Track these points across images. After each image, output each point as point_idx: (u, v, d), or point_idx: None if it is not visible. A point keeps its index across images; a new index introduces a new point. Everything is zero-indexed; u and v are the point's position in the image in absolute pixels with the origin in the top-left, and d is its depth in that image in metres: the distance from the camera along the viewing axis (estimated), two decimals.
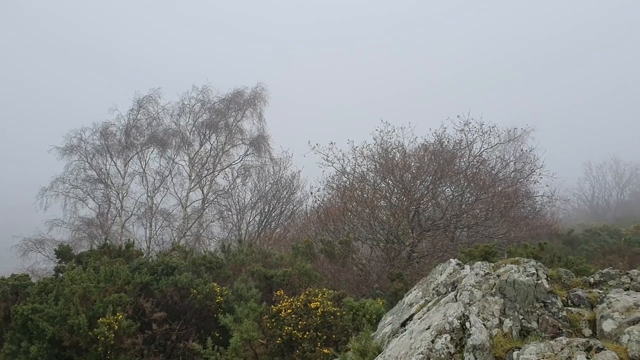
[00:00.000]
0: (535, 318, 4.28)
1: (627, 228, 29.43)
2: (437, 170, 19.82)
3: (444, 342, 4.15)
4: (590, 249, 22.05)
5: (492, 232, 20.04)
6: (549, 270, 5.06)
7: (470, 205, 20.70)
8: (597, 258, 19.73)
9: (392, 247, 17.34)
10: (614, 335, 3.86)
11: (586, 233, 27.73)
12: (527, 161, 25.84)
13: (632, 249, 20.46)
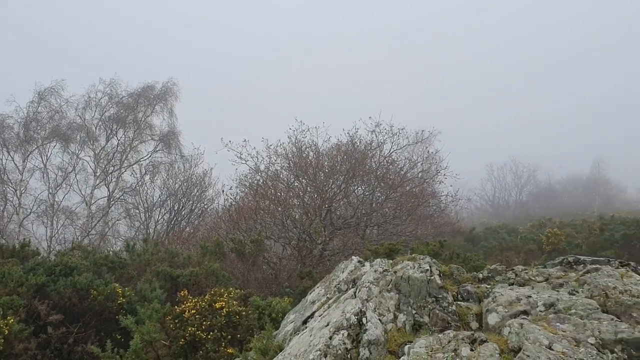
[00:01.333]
0: (427, 313, 4.48)
1: (524, 226, 31.43)
2: (349, 170, 20.21)
3: (341, 338, 4.24)
4: (490, 245, 23.34)
5: (400, 230, 20.72)
6: (442, 267, 5.30)
7: (380, 204, 21.30)
8: (495, 254, 20.94)
9: (304, 246, 17.48)
10: (497, 328, 4.11)
11: (486, 231, 29.33)
12: (434, 162, 27.02)
13: (527, 245, 21.91)
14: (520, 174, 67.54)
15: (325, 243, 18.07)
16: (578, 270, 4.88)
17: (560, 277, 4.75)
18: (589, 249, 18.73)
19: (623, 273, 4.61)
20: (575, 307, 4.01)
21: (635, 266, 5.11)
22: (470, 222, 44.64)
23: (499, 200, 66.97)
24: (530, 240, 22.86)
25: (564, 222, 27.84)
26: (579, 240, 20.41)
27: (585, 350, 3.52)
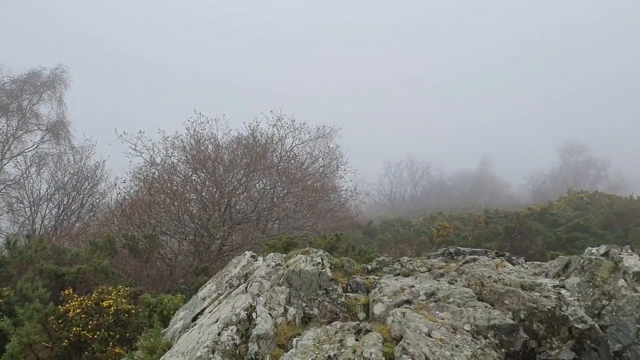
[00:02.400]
0: (317, 305, 4.55)
1: (418, 220, 32.83)
2: (249, 164, 20.05)
3: (230, 334, 4.20)
4: (385, 238, 24.15)
5: (301, 224, 20.91)
6: (334, 259, 5.40)
7: (281, 198, 21.35)
8: (390, 247, 21.72)
9: (201, 241, 17.15)
10: (382, 318, 4.25)
11: (383, 224, 30.31)
12: (334, 157, 27.50)
13: (419, 238, 22.92)
14: (415, 170, 70.69)
15: (224, 238, 17.83)
16: (458, 261, 5.17)
17: (442, 268, 5.01)
18: (475, 241, 19.93)
19: (498, 263, 4.94)
20: (454, 295, 4.24)
21: (509, 256, 5.50)
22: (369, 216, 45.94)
23: (396, 195, 69.65)
24: (422, 233, 23.94)
25: (453, 215, 29.38)
26: (466, 233, 21.67)
27: (461, 337, 3.73)
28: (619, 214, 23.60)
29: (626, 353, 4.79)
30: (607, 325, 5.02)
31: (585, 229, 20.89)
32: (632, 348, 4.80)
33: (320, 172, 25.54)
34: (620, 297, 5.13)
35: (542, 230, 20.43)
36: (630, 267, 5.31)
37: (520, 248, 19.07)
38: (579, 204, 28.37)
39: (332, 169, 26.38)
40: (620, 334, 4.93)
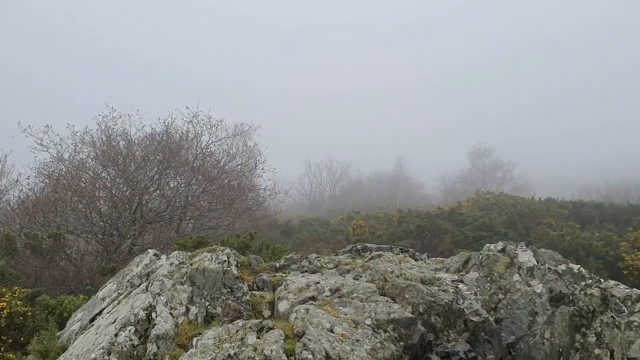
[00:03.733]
0: (220, 304, 4.45)
1: (335, 219, 33.24)
2: (162, 161, 19.43)
3: (127, 334, 4.02)
4: (303, 237, 24.24)
5: (217, 224, 20.54)
6: (242, 258, 5.32)
7: (196, 197, 20.86)
8: (307, 245, 21.83)
9: (111, 241, 16.44)
10: (286, 315, 4.23)
11: (301, 223, 30.42)
12: (252, 155, 27.27)
13: (336, 236, 23.20)
14: (334, 170, 71.57)
15: (135, 238, 17.18)
16: (365, 257, 5.25)
17: (349, 264, 5.06)
18: (389, 239, 20.43)
19: (401, 259, 5.05)
20: (357, 291, 4.29)
21: (413, 253, 5.65)
22: (289, 216, 46.00)
23: (315, 194, 70.18)
24: (339, 231, 24.25)
25: (369, 215, 29.98)
26: (380, 232, 22.16)
27: (363, 331, 3.78)
28: (521, 214, 25.02)
29: (519, 344, 5.05)
30: (502, 318, 5.28)
31: (491, 228, 21.97)
32: (525, 339, 5.07)
33: (237, 170, 25.21)
34: (515, 291, 5.41)
35: (451, 229, 21.26)
36: (524, 262, 5.61)
37: (431, 246, 19.75)
38: (485, 204, 29.78)
39: (249, 168, 26.12)
40: (514, 326, 5.20)
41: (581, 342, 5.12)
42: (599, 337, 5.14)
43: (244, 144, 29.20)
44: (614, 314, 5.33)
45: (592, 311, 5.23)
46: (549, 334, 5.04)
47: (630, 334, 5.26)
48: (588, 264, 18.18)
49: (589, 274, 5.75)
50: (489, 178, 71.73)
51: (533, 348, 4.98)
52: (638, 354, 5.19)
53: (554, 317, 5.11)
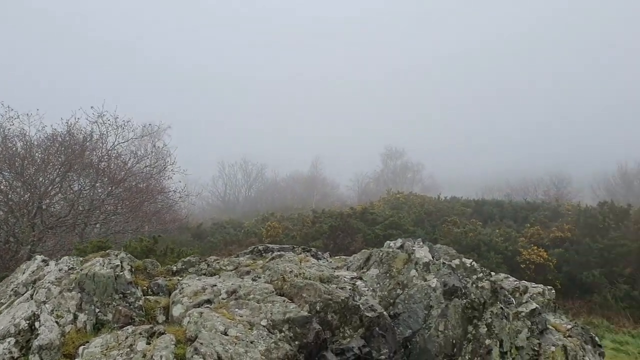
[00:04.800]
0: (111, 310, 4.26)
1: (250, 221, 32.98)
2: (64, 163, 18.45)
3: (6, 346, 3.75)
4: (215, 240, 23.86)
5: (125, 227, 19.83)
6: (137, 262, 5.13)
7: (101, 200, 19.98)
8: (220, 248, 21.51)
9: (7, 247, 15.43)
10: (180, 319, 4.11)
11: (214, 226, 29.91)
12: (161, 157, 26.49)
13: (250, 239, 23.02)
14: (249, 171, 71.02)
15: (34, 244, 16.21)
16: (266, 258, 5.22)
17: (249, 265, 5.01)
18: (302, 240, 20.54)
19: (302, 258, 5.07)
20: (254, 292, 4.25)
21: (315, 252, 5.70)
22: (202, 218, 45.13)
23: (230, 196, 69.30)
24: (253, 234, 24.09)
25: (284, 216, 29.99)
26: (294, 233, 22.23)
27: (258, 332, 3.75)
28: (428, 213, 26.00)
29: (415, 337, 5.22)
30: (400, 313, 5.43)
31: (400, 226, 22.65)
32: (420, 332, 5.25)
33: (145, 172, 24.39)
34: (412, 286, 5.58)
35: (363, 228, 21.71)
36: (420, 258, 5.81)
37: (343, 245, 20.07)
38: (395, 203, 30.68)
39: (159, 169, 25.35)
40: (411, 320, 5.37)
41: (473, 333, 5.36)
42: (490, 328, 5.42)
43: (153, 145, 28.28)
44: (503, 306, 5.64)
45: (483, 303, 5.50)
46: (443, 326, 5.24)
47: (517, 324, 5.59)
48: (489, 259, 19.21)
49: (480, 268, 6.05)
50: (400, 178, 74.05)
51: (428, 340, 5.17)
52: (524, 342, 5.53)
53: (448, 310, 5.33)
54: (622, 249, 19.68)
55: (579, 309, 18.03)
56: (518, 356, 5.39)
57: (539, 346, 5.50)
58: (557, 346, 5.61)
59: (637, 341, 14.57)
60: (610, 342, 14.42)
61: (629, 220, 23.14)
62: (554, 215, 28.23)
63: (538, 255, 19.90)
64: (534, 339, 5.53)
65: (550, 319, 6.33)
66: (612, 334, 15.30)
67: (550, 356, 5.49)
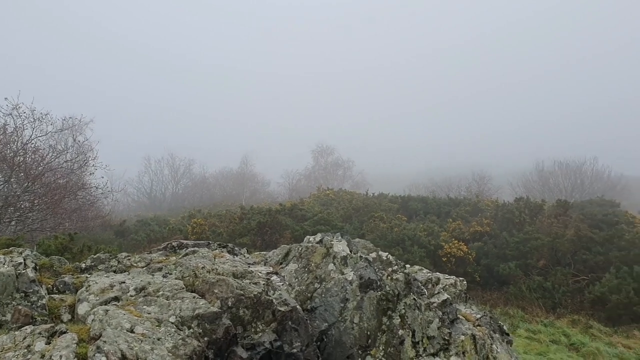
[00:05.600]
0: (10, 310, 4.04)
1: (176, 218, 32.29)
2: None
3: None
4: (139, 238, 23.21)
5: (42, 225, 18.97)
6: (43, 259, 4.90)
7: (17, 196, 18.98)
8: (143, 246, 20.94)
9: None
10: (86, 317, 3.96)
11: (138, 223, 29.08)
12: (82, 151, 25.47)
13: (175, 236, 22.55)
14: (177, 167, 69.45)
15: None
16: (180, 254, 5.12)
17: (161, 262, 4.90)
18: (229, 237, 20.34)
19: (217, 254, 5.02)
20: (164, 288, 4.16)
21: (232, 248, 5.65)
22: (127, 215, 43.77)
23: (156, 192, 67.52)
24: (178, 230, 23.62)
25: (211, 212, 29.60)
26: (221, 229, 21.99)
27: (165, 329, 3.67)
28: (356, 208, 26.42)
29: (331, 330, 5.29)
30: (317, 307, 5.49)
31: (329, 222, 22.88)
32: (336, 325, 5.32)
33: (65, 167, 23.37)
34: (329, 280, 5.65)
35: (291, 225, 21.76)
36: (338, 252, 5.89)
37: (271, 242, 20.04)
38: (325, 200, 31.01)
39: (79, 164, 24.35)
40: (327, 313, 5.43)
41: (387, 324, 5.49)
42: (403, 319, 5.56)
43: (74, 139, 27.11)
44: (416, 297, 5.81)
45: (397, 295, 5.64)
46: (358, 318, 5.34)
47: (429, 314, 5.78)
48: (413, 253, 19.77)
49: (396, 261, 6.20)
50: (331, 175, 74.77)
51: (343, 333, 5.25)
52: (436, 332, 5.72)
53: (363, 303, 5.43)
54: (536, 242, 20.77)
55: (496, 300, 18.86)
56: (429, 345, 5.57)
57: (449, 335, 5.71)
58: (467, 335, 5.84)
59: (548, 330, 15.38)
60: (524, 331, 15.16)
61: (542, 215, 24.45)
62: (474, 210, 29.42)
63: (459, 249, 20.67)
64: (444, 328, 5.73)
65: (462, 309, 6.59)
66: (526, 324, 16.09)
67: (459, 345, 5.71)
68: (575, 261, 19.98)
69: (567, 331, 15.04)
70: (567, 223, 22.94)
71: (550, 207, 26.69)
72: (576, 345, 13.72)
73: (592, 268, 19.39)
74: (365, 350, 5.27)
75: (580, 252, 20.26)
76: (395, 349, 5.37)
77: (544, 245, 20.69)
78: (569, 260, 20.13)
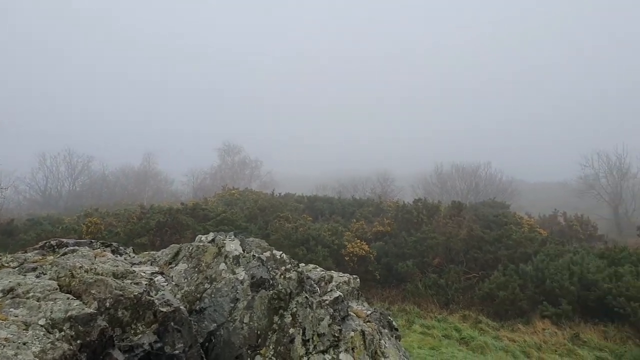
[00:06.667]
0: None
1: (71, 217, 30.58)
2: None
3: None
4: (29, 237, 21.78)
5: None
6: None
7: None
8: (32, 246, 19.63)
9: None
10: None
11: (28, 222, 27.26)
12: None
13: (68, 236, 21.31)
14: (74, 164, 65.76)
15: None
16: (58, 253, 4.83)
17: (37, 261, 4.58)
18: (127, 237, 19.55)
19: (98, 253, 4.78)
20: (35, 289, 3.89)
21: (116, 247, 5.41)
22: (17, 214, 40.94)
23: (52, 190, 63.55)
24: (72, 230, 22.35)
25: (109, 212, 28.31)
26: (118, 229, 21.07)
27: (33, 333, 3.43)
28: (262, 208, 26.32)
29: (220, 331, 5.21)
30: (206, 307, 5.38)
31: (232, 222, 22.63)
32: (225, 326, 5.24)
33: None
34: (220, 280, 5.56)
35: (193, 224, 21.28)
36: (230, 251, 5.81)
37: (171, 242, 19.42)
38: (230, 199, 30.61)
39: None
40: (216, 314, 5.34)
41: (279, 323, 5.49)
42: (294, 317, 5.59)
43: None
44: (308, 295, 5.86)
45: (289, 293, 5.66)
46: (248, 318, 5.30)
47: (321, 311, 5.84)
48: (316, 252, 20.00)
49: (289, 259, 6.22)
50: (238, 174, 74.07)
51: (232, 333, 5.18)
52: (326, 329, 5.79)
53: (254, 302, 5.39)
54: (432, 242, 21.72)
55: (395, 297, 19.51)
56: (320, 343, 5.63)
57: (339, 332, 5.80)
58: (356, 331, 5.97)
59: (441, 325, 16.10)
60: (419, 326, 15.78)
61: (439, 216, 25.59)
62: (377, 211, 30.27)
63: (361, 248, 21.17)
64: (335, 325, 5.82)
65: (354, 306, 6.74)
66: (422, 319, 16.75)
67: (349, 341, 5.83)
68: (467, 259, 21.11)
69: (458, 326, 15.82)
70: (460, 223, 24.18)
71: (446, 208, 28.02)
72: (466, 340, 14.45)
73: (483, 266, 20.58)
74: (255, 350, 5.23)
75: (472, 251, 21.43)
76: (285, 348, 5.38)
77: (439, 244, 21.68)
78: (461, 259, 21.23)
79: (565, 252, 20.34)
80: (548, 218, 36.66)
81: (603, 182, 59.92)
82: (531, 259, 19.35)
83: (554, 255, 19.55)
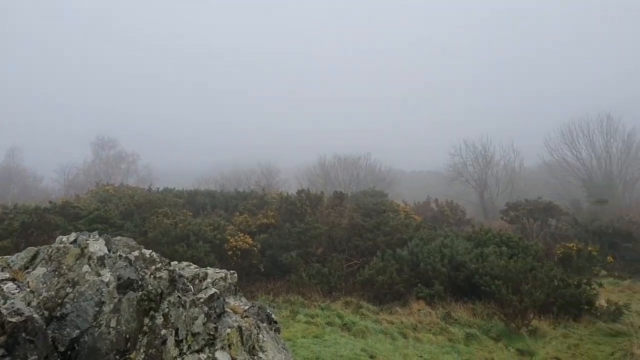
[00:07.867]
0: None
1: None
2: None
3: None
4: None
5: None
6: None
7: None
8: None
9: None
10: None
11: None
12: None
13: None
14: None
15: None
16: None
17: None
18: None
19: None
20: None
21: None
22: None
23: None
24: None
25: None
26: None
27: None
28: (138, 205, 25.19)
29: (84, 337, 4.85)
30: (68, 313, 4.98)
31: (107, 220, 21.45)
32: (90, 332, 4.89)
33: None
34: (84, 283, 5.17)
35: (63, 224, 19.87)
36: (95, 252, 5.43)
37: (38, 244, 18.00)
38: (104, 196, 28.95)
39: None
40: (79, 319, 4.96)
41: (149, 325, 5.23)
42: (166, 318, 5.35)
43: None
44: (181, 294, 5.64)
45: (160, 294, 5.41)
46: (115, 322, 4.99)
47: (195, 310, 5.66)
48: (197, 248, 19.50)
49: (160, 258, 5.95)
50: (114, 169, 70.42)
51: (98, 339, 4.85)
52: (201, 328, 5.62)
53: (121, 305, 5.09)
54: (315, 232, 22.08)
55: (279, 289, 19.59)
56: (194, 342, 5.46)
57: (215, 330, 5.67)
58: (233, 328, 5.87)
59: (325, 313, 16.40)
60: (303, 316, 15.95)
61: (322, 206, 26.08)
62: (261, 203, 30.20)
63: (244, 242, 20.99)
64: (210, 323, 5.67)
65: (231, 302, 6.61)
66: (306, 309, 16.94)
67: (225, 338, 5.71)
68: (349, 247, 21.73)
69: (341, 313, 16.23)
70: (342, 213, 24.83)
71: (329, 198, 28.64)
72: (348, 325, 14.86)
73: (363, 253, 21.29)
74: (124, 355, 4.94)
75: (354, 239, 22.09)
76: (157, 350, 5.14)
77: (322, 234, 22.10)
78: (344, 247, 21.81)
79: (437, 236, 21.64)
80: (422, 204, 38.78)
81: (470, 169, 64.75)
82: (407, 244, 20.33)
83: (427, 239, 20.70)
